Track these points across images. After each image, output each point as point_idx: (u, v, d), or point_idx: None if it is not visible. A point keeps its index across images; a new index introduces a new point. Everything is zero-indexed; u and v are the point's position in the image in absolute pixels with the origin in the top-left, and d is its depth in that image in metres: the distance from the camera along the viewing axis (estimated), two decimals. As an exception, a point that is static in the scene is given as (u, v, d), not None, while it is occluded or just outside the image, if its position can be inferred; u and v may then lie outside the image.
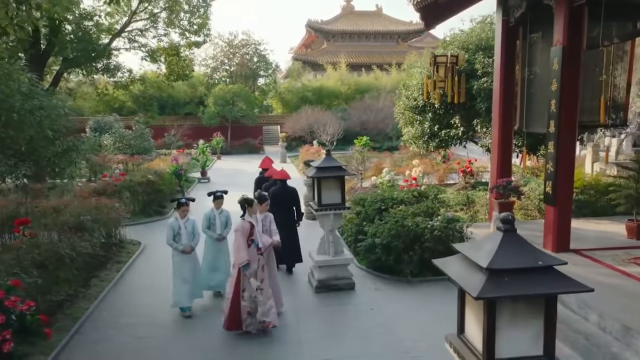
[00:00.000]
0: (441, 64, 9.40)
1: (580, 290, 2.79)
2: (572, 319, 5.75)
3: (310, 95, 33.95)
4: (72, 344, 6.09)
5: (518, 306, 2.91)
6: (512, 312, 2.91)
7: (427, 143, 12.10)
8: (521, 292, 2.75)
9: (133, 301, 7.58)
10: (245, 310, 6.13)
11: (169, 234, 6.92)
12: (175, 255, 7.01)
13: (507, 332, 2.91)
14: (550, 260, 2.88)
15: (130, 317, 6.96)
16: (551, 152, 7.47)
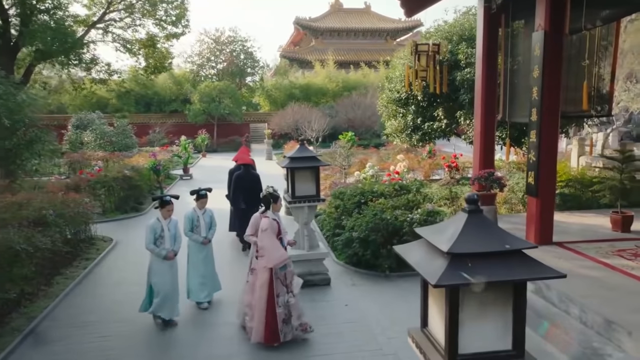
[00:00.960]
0: (423, 53, 9.11)
1: (552, 276, 2.49)
2: (553, 313, 5.48)
3: (297, 92, 33.65)
4: (25, 345, 5.72)
5: (484, 295, 2.61)
6: (477, 302, 2.61)
7: (410, 136, 11.83)
8: (486, 278, 2.45)
9: (98, 299, 7.22)
10: (281, 318, 5.50)
11: (150, 237, 6.04)
12: (155, 262, 6.12)
13: (471, 325, 2.61)
14: (519, 244, 2.58)
15: (94, 315, 6.60)
16: (533, 141, 7.20)
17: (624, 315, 4.83)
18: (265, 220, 5.57)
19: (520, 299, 2.61)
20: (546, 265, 2.55)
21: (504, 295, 2.64)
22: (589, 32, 9.02)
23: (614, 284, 5.68)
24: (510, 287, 2.61)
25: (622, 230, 7.79)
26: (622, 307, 5.03)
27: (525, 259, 2.57)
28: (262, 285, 5.48)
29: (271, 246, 5.43)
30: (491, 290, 2.63)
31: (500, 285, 2.60)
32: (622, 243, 7.26)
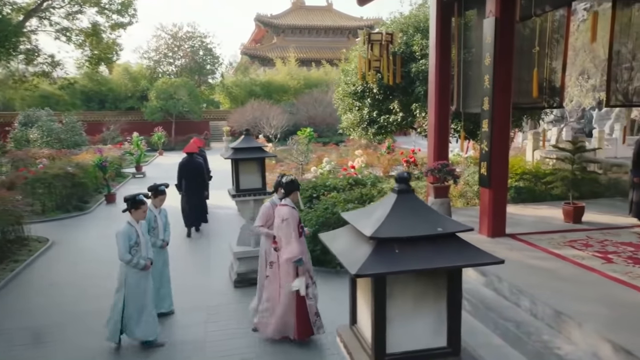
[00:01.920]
0: (376, 42, 8.85)
1: (489, 262, 2.21)
2: (504, 306, 5.28)
3: (258, 89, 33.08)
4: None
5: (414, 285, 2.30)
6: (408, 294, 2.29)
7: (366, 130, 11.57)
8: (415, 266, 2.14)
9: (24, 303, 6.60)
10: (313, 310, 5.12)
11: (124, 246, 5.02)
12: (130, 275, 5.12)
13: (401, 320, 2.29)
14: (453, 227, 2.29)
15: (16, 321, 6.00)
16: (485, 130, 7.04)
17: (574, 305, 4.66)
18: (286, 209, 5.06)
19: (455, 289, 2.31)
20: (483, 250, 2.27)
21: (437, 285, 2.33)
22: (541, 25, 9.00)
23: (565, 274, 5.54)
24: (444, 276, 2.31)
25: (574, 221, 7.74)
26: (572, 297, 4.87)
27: (460, 243, 2.27)
28: (288, 277, 5.06)
29: (286, 240, 4.98)
30: (422, 279, 2.32)
31: (433, 273, 2.30)
32: (574, 234, 7.20)
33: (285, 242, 4.98)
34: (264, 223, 5.50)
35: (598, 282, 5.27)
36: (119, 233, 5.09)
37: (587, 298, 4.84)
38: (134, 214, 5.18)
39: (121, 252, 5.04)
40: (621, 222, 7.73)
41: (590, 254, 6.22)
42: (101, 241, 9.08)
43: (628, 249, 6.37)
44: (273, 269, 5.19)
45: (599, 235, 7.09)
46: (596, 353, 4.11)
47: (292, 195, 5.15)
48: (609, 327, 4.21)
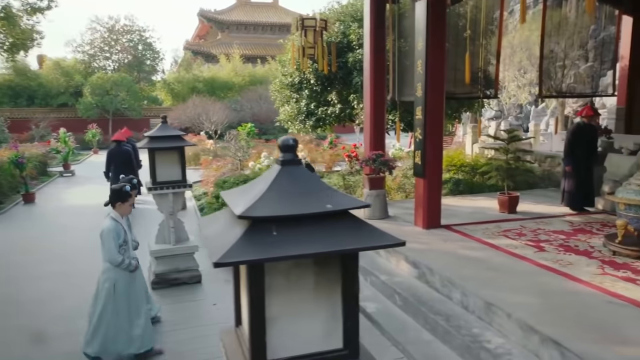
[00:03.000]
0: (309, 28, 8.45)
1: (388, 244, 1.83)
2: (435, 299, 5.01)
3: (201, 86, 32.01)
4: None
5: (301, 276, 1.89)
6: (293, 286, 1.88)
7: (303, 122, 11.18)
8: (297, 250, 1.72)
9: None
10: None
11: (114, 246, 4.30)
12: (120, 280, 4.39)
13: (286, 318, 1.87)
14: (347, 203, 1.89)
15: None
16: (419, 118, 6.79)
17: (504, 296, 4.43)
18: None
19: (350, 279, 1.92)
20: (382, 230, 1.89)
21: (330, 274, 1.94)
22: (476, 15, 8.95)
23: (498, 264, 5.34)
24: (337, 264, 1.93)
25: (509, 211, 7.65)
26: (503, 287, 4.65)
27: (356, 223, 1.88)
28: None
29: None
30: (311, 268, 1.92)
31: (323, 261, 1.90)
32: (508, 223, 7.09)
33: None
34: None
35: (530, 271, 5.10)
36: (105, 231, 4.33)
37: (518, 287, 4.63)
38: (119, 208, 4.45)
39: (112, 254, 4.29)
40: (554, 212, 7.72)
41: (523, 242, 6.09)
42: (17, 244, 8.24)
43: (559, 237, 6.29)
44: None
45: (533, 224, 7.01)
46: (526, 345, 3.87)
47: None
48: (538, 317, 3.99)
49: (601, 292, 4.45)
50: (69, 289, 6.42)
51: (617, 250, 5.47)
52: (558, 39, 10.28)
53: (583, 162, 7.59)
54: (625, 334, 3.66)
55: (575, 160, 7.55)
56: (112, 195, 4.48)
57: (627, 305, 4.15)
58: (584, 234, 6.43)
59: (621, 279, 4.79)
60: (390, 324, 4.91)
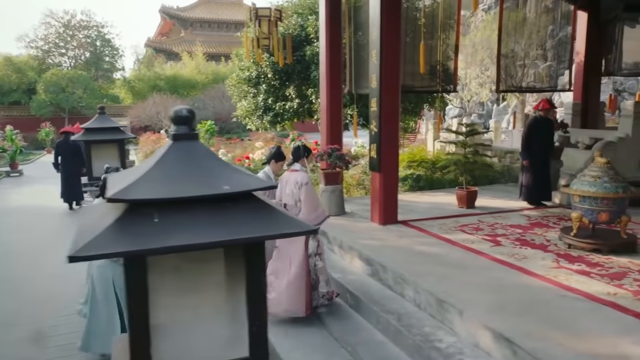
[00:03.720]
0: (264, 18, 8.14)
1: (296, 231, 1.55)
2: (388, 297, 4.77)
3: (163, 84, 31.17)
4: None
5: (196, 271, 1.58)
6: (187, 284, 1.58)
7: (261, 118, 10.83)
8: (184, 240, 1.42)
9: None
10: (324, 278, 4.81)
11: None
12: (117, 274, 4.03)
13: (178, 322, 1.56)
14: (249, 183, 1.60)
15: None
16: (374, 110, 6.57)
17: (457, 292, 4.22)
18: (301, 173, 4.80)
19: (256, 275, 1.63)
20: (291, 216, 1.60)
21: (231, 270, 1.64)
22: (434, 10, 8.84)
23: (453, 259, 5.15)
24: (240, 257, 1.63)
25: (467, 206, 7.52)
26: (456, 283, 4.44)
27: (259, 208, 1.59)
28: (298, 250, 4.66)
29: (314, 204, 4.68)
30: (208, 263, 1.62)
31: (224, 253, 1.60)
32: (466, 218, 6.94)
33: (313, 207, 4.66)
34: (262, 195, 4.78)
35: (485, 265, 4.92)
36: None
37: (472, 283, 4.44)
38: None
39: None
40: (512, 206, 7.63)
41: (480, 237, 5.94)
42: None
43: (516, 231, 6.17)
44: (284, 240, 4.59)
45: (490, 219, 6.88)
46: (477, 343, 3.66)
47: (300, 162, 4.92)
48: (491, 313, 3.79)
49: (555, 286, 4.30)
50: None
51: (572, 243, 5.37)
52: (518, 39, 10.32)
53: (540, 156, 7.54)
54: (578, 328, 3.50)
55: (532, 154, 7.49)
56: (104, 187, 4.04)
57: (581, 299, 4.01)
58: (541, 228, 6.33)
59: (575, 272, 4.66)
60: (341, 324, 4.64)
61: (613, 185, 5.17)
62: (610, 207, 5.18)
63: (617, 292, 4.13)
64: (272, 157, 5.19)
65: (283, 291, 4.64)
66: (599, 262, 4.93)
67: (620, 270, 4.69)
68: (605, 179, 5.22)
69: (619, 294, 4.11)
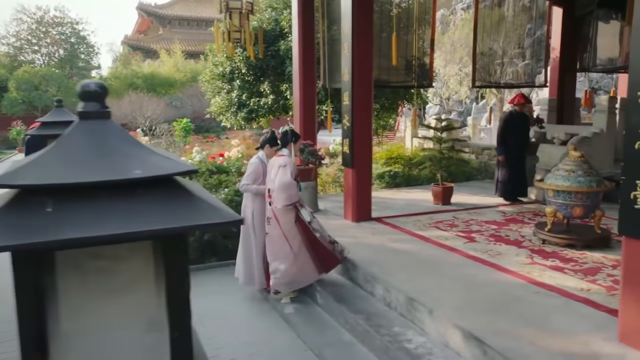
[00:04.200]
0: (235, 10, 7.89)
1: (220, 222, 1.35)
2: (358, 297, 4.60)
3: (140, 82, 30.55)
4: None
5: (105, 270, 1.38)
6: (92, 287, 1.37)
7: (235, 114, 10.58)
8: (76, 232, 1.20)
9: None
10: (326, 240, 4.85)
11: None
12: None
13: (81, 332, 1.35)
14: (166, 167, 1.40)
15: None
16: (347, 104, 6.39)
17: (428, 290, 4.07)
18: (284, 157, 4.77)
19: (179, 273, 1.42)
20: (215, 204, 1.41)
21: (148, 268, 1.44)
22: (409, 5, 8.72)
23: (426, 256, 5.00)
24: (159, 253, 1.43)
25: (442, 202, 7.40)
26: (428, 281, 4.29)
27: (179, 196, 1.39)
28: (291, 226, 4.70)
29: (289, 183, 4.62)
30: (118, 260, 1.41)
31: (137, 249, 1.40)
32: (441, 215, 6.82)
33: (283, 188, 4.60)
34: (253, 181, 5.12)
35: (458, 262, 4.78)
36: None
37: (444, 280, 4.29)
38: None
39: None
40: (488, 202, 7.54)
41: (454, 234, 5.81)
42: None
43: (491, 227, 6.06)
44: (271, 224, 4.78)
45: (465, 215, 6.77)
46: (447, 343, 3.51)
47: (288, 147, 4.90)
48: (462, 312, 3.64)
49: (529, 283, 4.18)
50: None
51: (547, 239, 5.27)
52: (496, 37, 10.29)
53: (515, 151, 7.46)
54: (550, 326, 3.37)
55: (508, 149, 7.40)
56: None
57: (554, 295, 3.89)
58: (516, 224, 6.24)
59: (549, 267, 4.55)
60: (309, 325, 4.45)
61: (587, 179, 5.08)
62: (584, 201, 5.09)
63: (591, 288, 4.02)
64: (266, 141, 5.17)
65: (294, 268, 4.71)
66: (572, 258, 4.83)
67: (594, 265, 4.60)
68: (579, 172, 5.13)
69: (592, 289, 4.00)
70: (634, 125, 2.91)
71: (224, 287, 5.69)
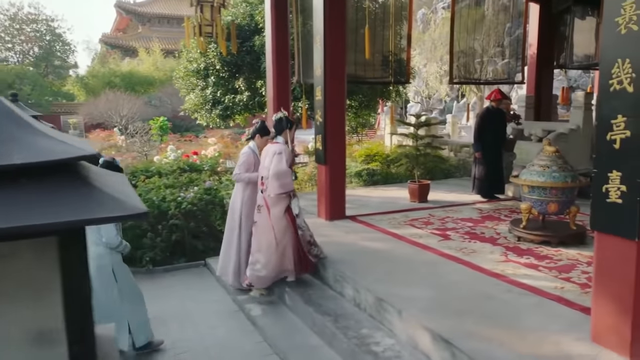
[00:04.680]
0: (206, 3, 7.66)
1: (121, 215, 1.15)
2: (327, 297, 4.42)
3: (118, 81, 29.99)
4: None
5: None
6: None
7: (210, 111, 10.33)
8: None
9: None
10: (305, 239, 4.68)
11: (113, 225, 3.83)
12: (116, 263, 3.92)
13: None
14: (57, 152, 1.20)
15: None
16: (319, 99, 6.22)
17: (398, 290, 3.91)
18: (279, 145, 4.65)
19: (77, 274, 1.22)
20: (116, 195, 1.22)
21: (39, 268, 1.24)
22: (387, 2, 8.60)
23: (399, 255, 4.84)
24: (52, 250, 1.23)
25: (419, 200, 7.27)
26: (399, 280, 4.13)
27: (74, 185, 1.19)
28: (280, 216, 4.56)
29: (284, 171, 4.49)
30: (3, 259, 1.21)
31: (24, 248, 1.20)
32: (417, 212, 6.68)
33: (277, 176, 4.46)
34: (245, 171, 5.06)
35: (431, 260, 4.64)
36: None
37: (416, 279, 4.14)
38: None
39: (111, 234, 3.81)
40: (465, 199, 7.43)
41: (429, 231, 5.67)
42: None
43: (467, 225, 5.94)
44: (262, 212, 4.64)
45: (441, 212, 6.64)
46: (416, 345, 3.35)
47: (283, 135, 4.73)
48: (432, 312, 3.49)
49: (502, 281, 4.05)
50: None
51: (522, 236, 5.16)
52: (476, 36, 10.25)
53: (492, 148, 7.35)
54: (522, 326, 3.23)
55: (485, 146, 7.29)
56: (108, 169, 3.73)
57: (527, 294, 3.76)
58: (492, 221, 6.13)
59: (524, 265, 4.43)
60: (275, 328, 4.27)
61: (562, 174, 4.98)
62: (559, 197, 4.98)
63: (564, 286, 3.91)
64: (257, 131, 5.13)
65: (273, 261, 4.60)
66: (547, 255, 4.72)
67: (568, 262, 4.49)
68: (554, 168, 5.03)
69: (566, 287, 3.88)
70: (605, 116, 2.78)
71: (190, 289, 5.48)
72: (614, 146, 2.75)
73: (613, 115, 2.75)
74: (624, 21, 2.65)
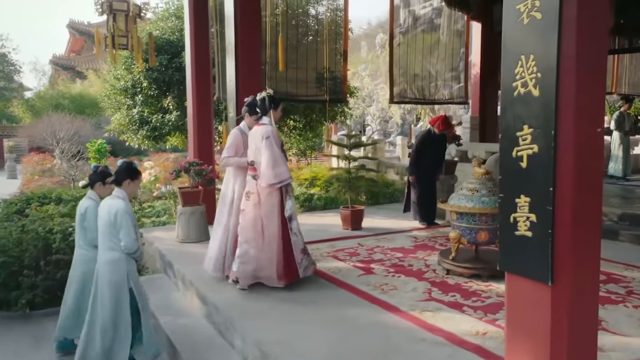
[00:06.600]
0: (120, 12, 6.99)
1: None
2: (216, 347, 3.69)
3: (67, 103, 28.69)
4: None
5: None
6: None
7: (136, 132, 9.55)
8: None
9: None
10: (299, 247, 4.33)
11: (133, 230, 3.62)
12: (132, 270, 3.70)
13: None
14: None
15: None
16: (232, 116, 5.58)
17: (292, 341, 3.24)
18: (266, 127, 4.26)
19: None
20: None
21: None
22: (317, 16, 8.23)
23: (304, 294, 4.17)
24: None
25: (352, 227, 6.65)
26: (296, 327, 3.45)
27: None
28: (272, 210, 4.20)
29: (273, 160, 4.12)
30: None
31: None
32: (345, 242, 6.05)
33: (271, 164, 4.10)
34: (234, 154, 4.64)
35: (342, 301, 3.98)
36: (123, 212, 3.57)
37: (318, 326, 3.47)
38: (129, 187, 3.75)
39: (131, 239, 3.60)
40: (402, 226, 6.85)
41: (352, 264, 5.03)
42: None
43: (396, 256, 5.33)
44: (251, 200, 4.24)
45: (372, 241, 6.03)
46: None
47: (268, 115, 4.33)
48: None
49: (417, 326, 3.42)
50: None
51: (451, 269, 4.58)
52: (432, 60, 10.05)
53: (430, 172, 6.83)
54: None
55: (421, 170, 6.76)
56: (122, 173, 3.71)
57: (442, 343, 3.14)
58: (425, 250, 5.55)
59: (447, 304, 3.83)
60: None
61: (492, 198, 4.44)
62: (489, 224, 4.45)
63: (488, 331, 3.31)
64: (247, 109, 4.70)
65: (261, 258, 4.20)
66: (476, 291, 4.14)
67: (497, 300, 3.91)
68: (483, 192, 4.51)
69: (489, 332, 3.29)
70: (510, 127, 2.22)
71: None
72: (521, 164, 2.19)
73: (518, 126, 2.19)
74: (526, 8, 2.12)
